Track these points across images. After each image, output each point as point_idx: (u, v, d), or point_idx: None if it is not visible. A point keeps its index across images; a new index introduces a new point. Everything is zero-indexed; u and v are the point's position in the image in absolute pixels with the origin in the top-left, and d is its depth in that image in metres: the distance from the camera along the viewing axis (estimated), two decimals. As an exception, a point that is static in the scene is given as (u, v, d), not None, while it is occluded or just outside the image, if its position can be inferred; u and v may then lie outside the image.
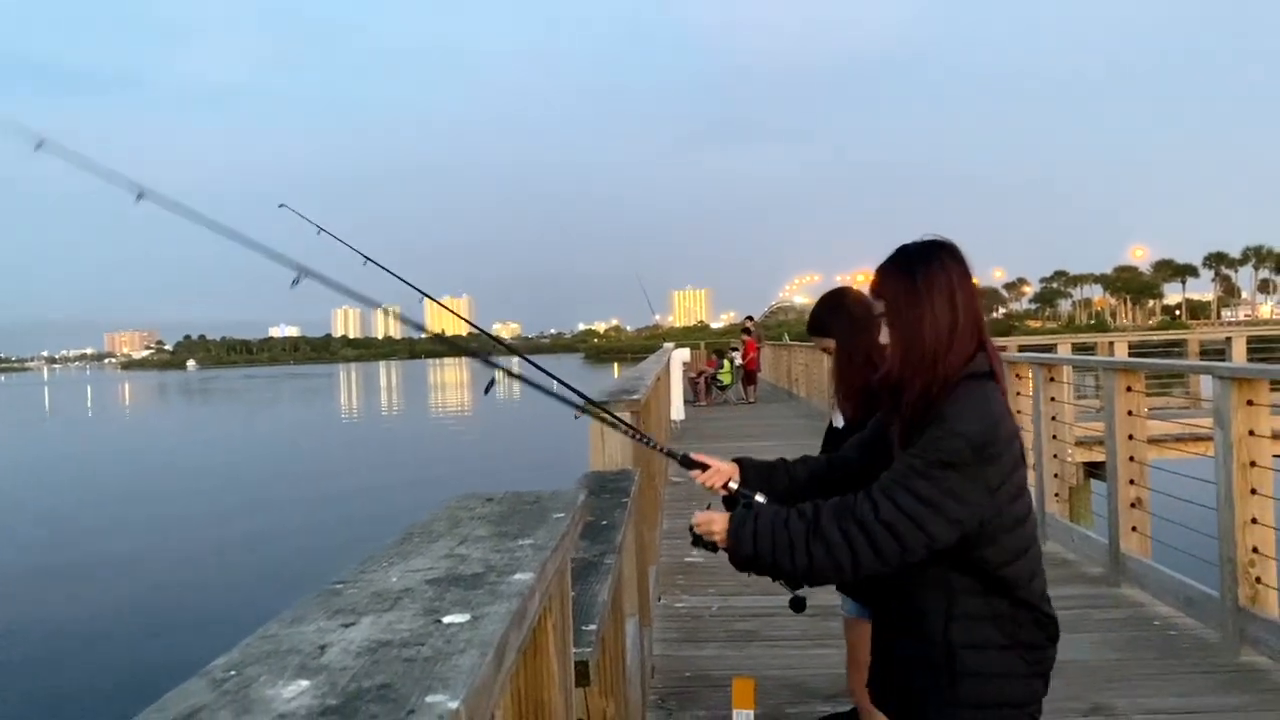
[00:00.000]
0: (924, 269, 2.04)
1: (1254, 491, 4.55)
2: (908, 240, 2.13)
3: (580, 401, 2.71)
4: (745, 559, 2.06)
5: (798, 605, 2.41)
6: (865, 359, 2.88)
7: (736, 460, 2.39)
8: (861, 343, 2.91)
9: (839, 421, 3.13)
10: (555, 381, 2.70)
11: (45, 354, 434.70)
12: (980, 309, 2.09)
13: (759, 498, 2.28)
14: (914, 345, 2.01)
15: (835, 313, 3.08)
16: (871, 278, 2.14)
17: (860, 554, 1.96)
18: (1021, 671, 2.05)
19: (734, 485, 2.32)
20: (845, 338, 3.00)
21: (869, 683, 2.55)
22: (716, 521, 2.12)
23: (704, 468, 2.35)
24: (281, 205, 3.17)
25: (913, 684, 2.13)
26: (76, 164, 2.19)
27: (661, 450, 2.66)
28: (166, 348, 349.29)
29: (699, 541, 2.17)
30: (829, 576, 2.07)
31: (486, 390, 2.49)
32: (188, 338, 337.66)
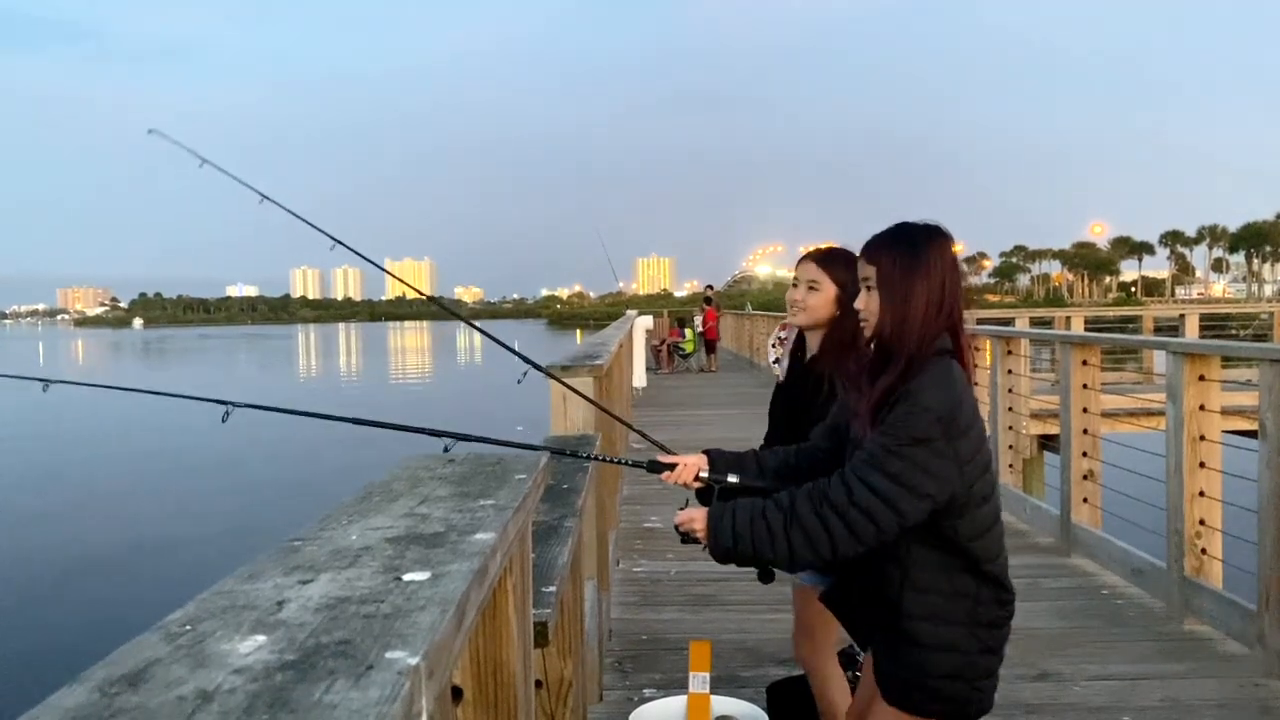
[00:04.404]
0: (925, 247, 2.06)
1: (1202, 465, 4.64)
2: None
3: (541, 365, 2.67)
4: (725, 552, 2.07)
5: (766, 576, 2.42)
6: (856, 324, 2.82)
7: (705, 452, 2.38)
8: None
9: (781, 371, 3.09)
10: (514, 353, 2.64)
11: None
12: (961, 299, 2.09)
13: (731, 478, 2.28)
14: (907, 319, 2.03)
15: (850, 268, 2.97)
16: (864, 246, 2.13)
17: (837, 538, 1.97)
18: (973, 648, 2.08)
19: (704, 474, 2.31)
20: (849, 294, 2.90)
21: (854, 628, 2.58)
22: (697, 519, 2.11)
23: (671, 468, 2.34)
24: (151, 131, 2.71)
25: (874, 642, 2.22)
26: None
27: (626, 463, 2.61)
28: (122, 305, 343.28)
29: (686, 539, 2.16)
30: (809, 562, 2.08)
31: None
32: (143, 295, 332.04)
